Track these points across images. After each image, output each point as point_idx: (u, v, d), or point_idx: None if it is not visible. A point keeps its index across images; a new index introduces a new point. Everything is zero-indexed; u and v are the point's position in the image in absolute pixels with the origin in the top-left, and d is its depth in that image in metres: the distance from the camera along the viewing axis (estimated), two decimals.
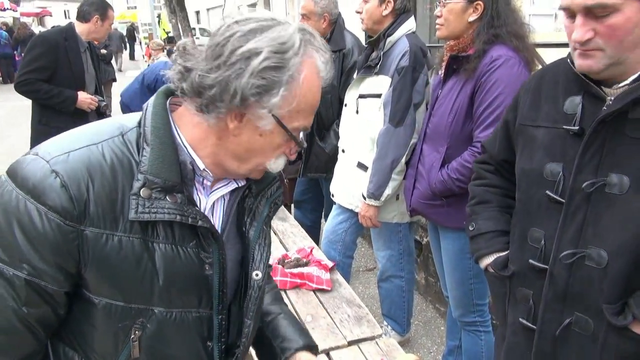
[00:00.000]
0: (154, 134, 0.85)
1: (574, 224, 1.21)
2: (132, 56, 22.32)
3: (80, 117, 3.44)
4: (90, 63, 3.61)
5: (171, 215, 0.84)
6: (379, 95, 2.49)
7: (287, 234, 3.06)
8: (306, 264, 2.57)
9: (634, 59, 1.11)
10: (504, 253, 1.44)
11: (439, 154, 2.16)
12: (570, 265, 1.22)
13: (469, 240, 1.56)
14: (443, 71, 2.16)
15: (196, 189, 0.93)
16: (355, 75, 2.78)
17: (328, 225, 2.97)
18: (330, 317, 2.24)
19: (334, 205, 2.95)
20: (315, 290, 2.44)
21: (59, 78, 3.35)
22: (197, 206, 0.90)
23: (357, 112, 2.63)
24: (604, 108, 1.15)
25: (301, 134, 0.92)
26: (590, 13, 1.08)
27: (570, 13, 1.14)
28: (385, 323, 2.99)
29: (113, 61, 11.49)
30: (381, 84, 2.48)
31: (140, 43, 24.98)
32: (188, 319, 0.93)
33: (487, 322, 2.38)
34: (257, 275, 1.00)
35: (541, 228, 1.28)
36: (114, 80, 9.00)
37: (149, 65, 7.68)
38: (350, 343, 2.06)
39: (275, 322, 1.20)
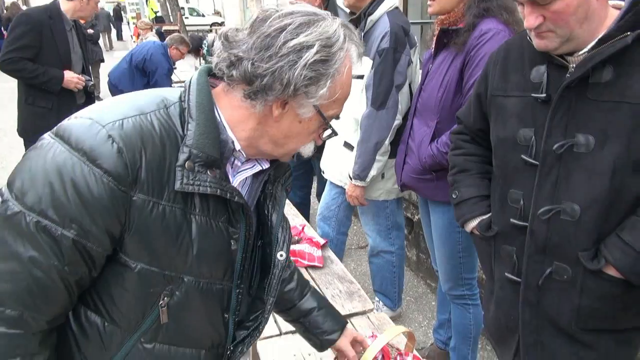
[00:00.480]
0: (199, 110, 0.88)
1: (548, 182, 1.30)
2: (119, 36, 21.94)
3: (67, 96, 3.40)
4: (76, 42, 3.53)
5: (212, 188, 0.88)
6: (361, 77, 2.46)
7: None
8: (298, 242, 2.59)
9: (584, 32, 1.20)
10: (486, 216, 1.53)
11: (428, 129, 2.17)
12: (547, 220, 1.31)
13: (453, 207, 1.63)
14: (433, 45, 2.15)
15: (226, 169, 0.97)
16: None
17: (322, 202, 3.00)
18: (322, 293, 2.27)
19: (327, 182, 2.97)
20: (307, 267, 2.47)
21: (44, 57, 3.28)
22: (230, 183, 0.95)
23: None
24: (567, 75, 1.25)
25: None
26: (535, 2, 1.18)
27: (520, 1, 1.23)
28: (376, 299, 3.03)
29: (101, 41, 11.28)
30: (364, 65, 2.45)
31: (128, 23, 24.56)
32: (212, 290, 0.98)
33: (476, 296, 2.42)
34: (281, 255, 1.06)
35: (519, 189, 1.38)
36: (102, 60, 8.85)
37: (136, 45, 7.56)
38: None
39: (313, 319, 1.39)
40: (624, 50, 1.17)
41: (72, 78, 3.38)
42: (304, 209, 3.82)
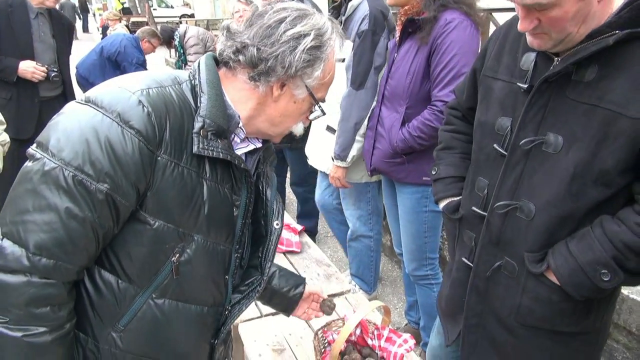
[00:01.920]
0: (210, 86, 0.99)
1: (512, 177, 1.28)
2: (85, 28, 21.34)
3: (29, 88, 3.27)
4: (47, 32, 3.39)
5: (224, 154, 0.98)
6: (342, 60, 2.55)
7: None
8: None
9: (579, 33, 1.12)
10: (457, 198, 1.53)
11: (398, 114, 2.25)
12: (504, 215, 1.30)
13: (425, 191, 1.65)
14: (398, 35, 2.23)
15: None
16: None
17: (318, 198, 3.07)
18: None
19: (319, 177, 3.02)
20: (285, 253, 2.53)
21: (2, 46, 3.15)
22: None
23: None
24: (551, 68, 1.18)
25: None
26: (530, 8, 1.11)
27: (516, 2, 1.16)
28: (353, 283, 3.12)
29: None
30: (345, 48, 2.53)
31: (94, 15, 23.89)
32: (217, 250, 1.07)
33: (438, 275, 2.54)
34: (277, 224, 1.17)
35: (486, 178, 1.36)
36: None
37: (102, 37, 7.42)
38: None
39: (277, 282, 1.47)
40: (611, 51, 1.08)
41: (27, 68, 3.22)
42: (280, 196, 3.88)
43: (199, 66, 1.03)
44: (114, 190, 0.88)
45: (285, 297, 1.48)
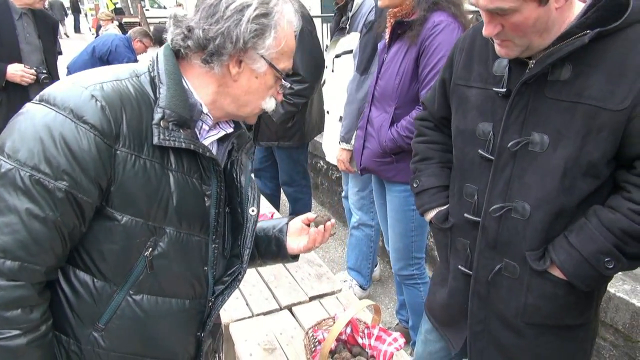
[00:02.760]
0: (168, 76, 0.98)
1: (502, 179, 1.30)
2: (77, 28, 21.21)
3: (19, 91, 3.21)
4: (32, 32, 3.33)
5: (187, 144, 0.97)
6: (351, 51, 2.71)
7: None
8: None
9: (545, 40, 1.18)
10: (444, 207, 1.53)
11: (387, 114, 2.28)
12: (499, 218, 1.31)
13: (414, 196, 1.65)
14: (387, 36, 2.26)
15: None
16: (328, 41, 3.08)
17: (351, 200, 3.08)
18: (292, 276, 2.35)
19: (350, 179, 3.04)
20: None
21: None
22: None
23: (332, 71, 2.88)
24: (527, 71, 1.22)
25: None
26: (494, 12, 1.16)
27: (480, 8, 1.21)
28: (350, 277, 3.15)
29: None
30: (353, 40, 2.71)
31: (86, 15, 23.75)
32: (192, 241, 1.06)
33: (424, 275, 2.57)
34: (253, 211, 1.15)
35: (474, 184, 1.37)
36: (60, 53, 8.56)
37: (96, 37, 7.38)
38: (312, 298, 2.18)
39: (262, 226, 1.36)
40: (583, 49, 1.13)
41: (15, 72, 3.16)
42: (274, 199, 3.88)
43: (157, 57, 1.02)
44: (74, 187, 0.88)
45: (270, 239, 1.33)
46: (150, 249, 0.99)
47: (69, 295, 0.99)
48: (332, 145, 2.99)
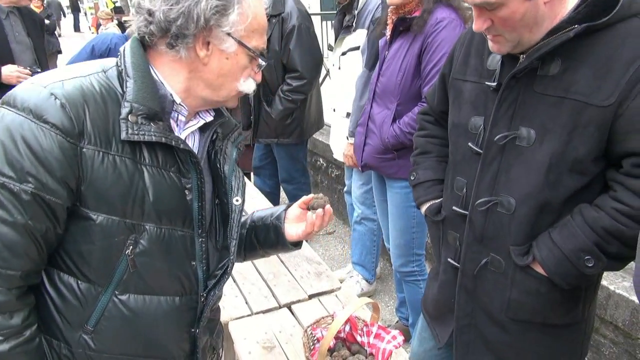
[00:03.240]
0: (135, 69, 0.95)
1: (489, 173, 1.30)
2: (76, 27, 21.19)
3: None
4: (21, 31, 3.25)
5: (158, 137, 0.94)
6: (357, 48, 2.71)
7: (246, 199, 3.13)
8: None
9: (536, 35, 1.17)
10: (438, 200, 1.54)
11: (389, 111, 2.28)
12: (485, 212, 1.32)
13: (412, 189, 1.67)
14: (389, 33, 2.25)
15: (171, 125, 1.03)
16: (334, 40, 3.04)
17: (355, 195, 3.09)
18: (291, 274, 2.35)
19: (353, 179, 3.06)
20: None
21: None
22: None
23: (339, 68, 2.88)
24: (518, 65, 1.22)
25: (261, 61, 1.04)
26: (482, 6, 1.16)
27: (470, 4, 1.23)
28: (355, 272, 3.16)
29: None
30: (360, 37, 2.71)
31: (85, 14, 23.72)
32: (175, 236, 1.04)
33: (424, 272, 2.56)
34: (237, 200, 1.12)
35: (463, 177, 1.38)
36: (60, 52, 8.58)
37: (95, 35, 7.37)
38: (311, 297, 2.18)
39: (255, 216, 1.34)
40: (572, 44, 1.13)
41: (11, 73, 3.10)
42: (274, 197, 3.87)
43: (124, 51, 0.99)
44: (40, 189, 0.87)
45: (269, 227, 1.29)
46: (131, 247, 0.97)
47: (55, 299, 0.98)
48: (339, 142, 2.98)
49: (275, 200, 3.84)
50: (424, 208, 1.59)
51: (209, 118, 1.09)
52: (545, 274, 1.25)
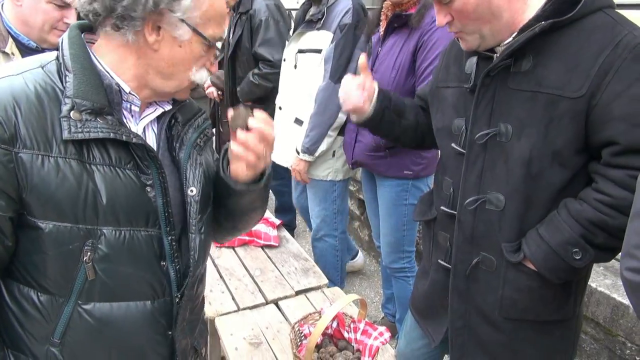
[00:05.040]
0: (74, 61, 0.88)
1: (474, 172, 1.32)
2: None
3: None
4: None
5: (105, 133, 0.87)
6: (319, 51, 2.52)
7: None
8: None
9: (496, 29, 1.21)
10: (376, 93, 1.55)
11: None
12: (474, 211, 1.32)
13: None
14: (383, 29, 2.25)
15: (125, 117, 0.96)
16: (291, 32, 2.82)
17: (296, 200, 3.04)
18: (279, 270, 2.34)
19: (309, 191, 2.93)
20: (263, 247, 2.53)
21: None
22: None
23: (295, 67, 2.63)
24: (491, 64, 1.25)
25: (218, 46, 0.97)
26: (440, 1, 1.20)
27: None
28: None
29: None
30: (322, 39, 2.51)
31: None
32: (138, 237, 0.95)
33: (414, 268, 2.57)
34: (192, 191, 1.02)
35: (450, 177, 1.40)
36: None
37: None
38: (298, 293, 2.18)
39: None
40: (541, 40, 1.17)
41: None
42: None
43: (61, 42, 0.91)
44: None
45: (219, 188, 1.12)
46: (89, 253, 0.90)
47: (17, 313, 0.93)
48: (282, 144, 2.73)
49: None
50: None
51: (168, 106, 1.01)
52: (535, 270, 1.27)
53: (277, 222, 2.70)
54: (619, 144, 1.13)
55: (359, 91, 1.52)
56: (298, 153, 2.62)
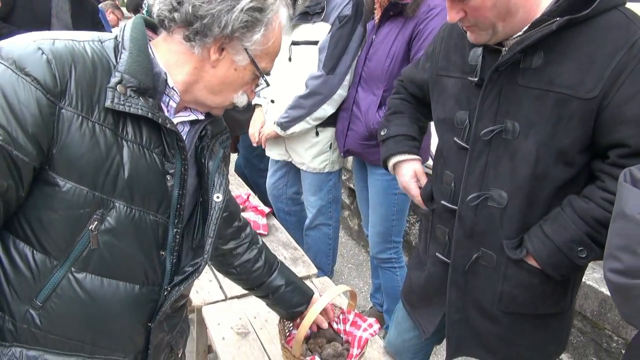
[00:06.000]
0: (132, 42, 0.93)
1: (477, 167, 1.29)
2: None
3: None
4: (66, 10, 3.10)
5: (144, 111, 0.90)
6: (315, 42, 2.44)
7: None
8: (243, 210, 2.61)
9: (510, 24, 1.17)
10: (406, 156, 1.55)
11: (375, 97, 2.24)
12: (476, 207, 1.31)
13: (380, 145, 1.64)
14: (377, 18, 2.20)
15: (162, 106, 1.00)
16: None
17: (268, 183, 3.00)
18: None
19: (270, 163, 2.95)
20: None
21: (16, 17, 2.86)
22: None
23: (289, 59, 2.55)
24: (500, 58, 1.22)
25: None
26: None
27: None
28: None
29: None
30: (319, 31, 2.43)
31: None
32: (146, 220, 0.98)
33: (401, 259, 2.57)
34: (217, 197, 1.08)
35: (451, 172, 1.37)
36: None
37: None
38: None
39: (281, 295, 1.49)
40: (554, 37, 1.13)
41: None
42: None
43: (124, 26, 0.96)
44: (8, 142, 0.81)
45: (287, 311, 1.53)
46: (96, 222, 0.91)
47: (6, 267, 0.92)
48: (275, 139, 2.71)
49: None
50: (392, 161, 1.58)
51: (201, 116, 1.07)
52: (538, 267, 1.26)
53: (267, 210, 2.67)
54: (628, 146, 1.11)
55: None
56: (274, 124, 2.56)
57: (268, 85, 1.06)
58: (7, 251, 0.92)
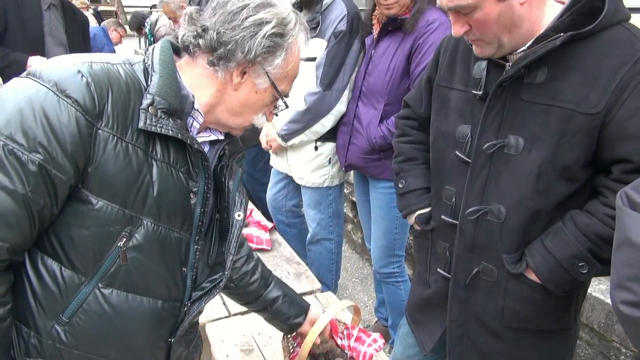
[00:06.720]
0: (162, 65, 0.98)
1: (478, 182, 1.29)
2: None
3: None
4: (59, 26, 3.13)
5: (174, 132, 0.95)
6: (313, 59, 2.44)
7: None
8: (246, 225, 2.60)
9: (515, 37, 1.17)
10: (427, 210, 1.51)
11: (376, 111, 2.25)
12: (475, 220, 1.31)
13: (398, 196, 1.62)
14: (377, 32, 2.22)
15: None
16: None
17: (270, 197, 3.00)
18: None
19: (272, 174, 2.96)
20: (255, 250, 2.49)
21: (9, 39, 2.89)
22: None
23: None
24: (504, 73, 1.22)
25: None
26: (458, 11, 1.16)
27: (446, 9, 1.20)
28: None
29: None
30: (317, 47, 2.43)
31: None
32: (170, 237, 1.03)
33: (404, 273, 2.56)
34: (239, 216, 1.14)
35: (452, 186, 1.37)
36: None
37: None
38: None
39: (279, 307, 1.49)
40: (558, 52, 1.13)
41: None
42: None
43: (153, 49, 1.01)
44: (48, 161, 0.84)
45: (285, 323, 1.52)
46: (125, 239, 0.95)
47: (34, 283, 0.94)
48: (278, 153, 2.77)
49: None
50: (413, 217, 1.55)
51: (221, 136, 1.11)
52: (539, 282, 1.25)
53: (270, 225, 2.66)
54: (632, 162, 1.11)
55: None
56: (277, 134, 2.59)
57: (287, 107, 1.10)
58: (35, 267, 0.94)
